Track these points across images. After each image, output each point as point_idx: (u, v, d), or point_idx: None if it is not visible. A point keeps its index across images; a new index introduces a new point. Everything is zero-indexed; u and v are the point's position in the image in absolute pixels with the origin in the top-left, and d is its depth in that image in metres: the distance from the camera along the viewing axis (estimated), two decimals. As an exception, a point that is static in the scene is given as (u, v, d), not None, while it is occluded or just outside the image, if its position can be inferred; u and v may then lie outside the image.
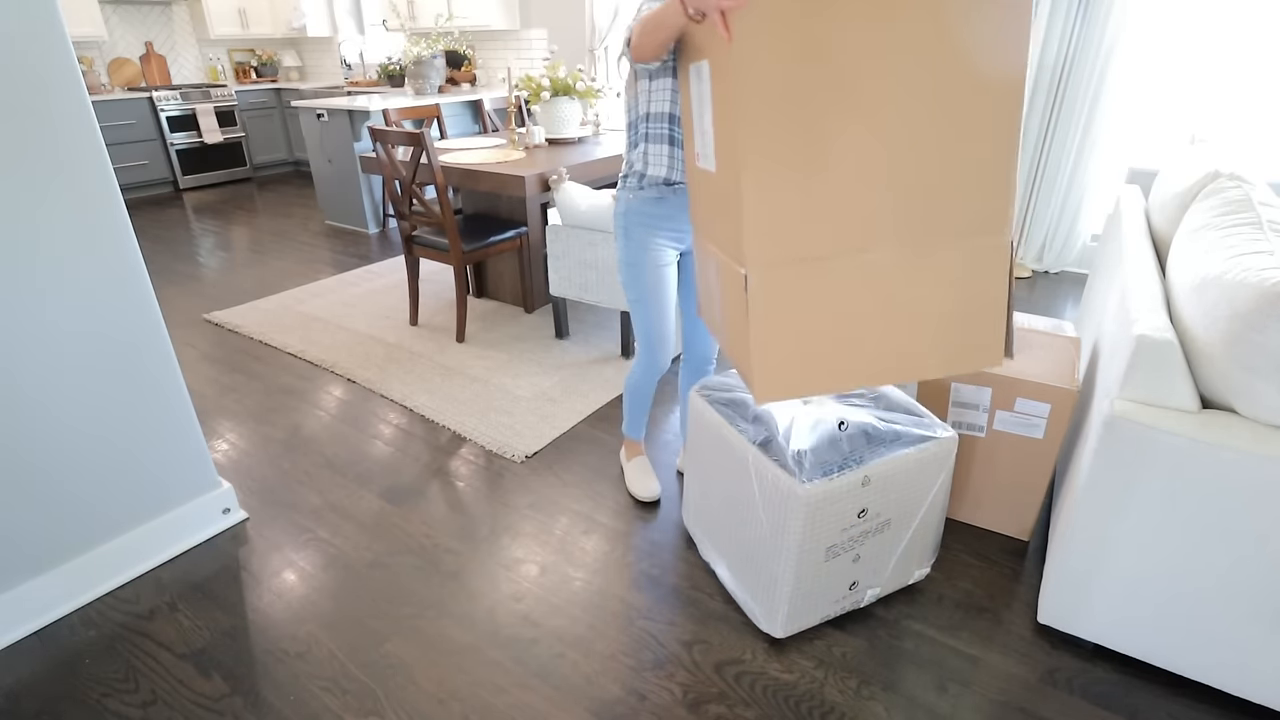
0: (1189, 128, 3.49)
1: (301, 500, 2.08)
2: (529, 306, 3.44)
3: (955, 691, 1.46)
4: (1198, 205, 1.66)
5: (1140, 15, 3.32)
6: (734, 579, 1.66)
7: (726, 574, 1.69)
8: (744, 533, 1.56)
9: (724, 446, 1.57)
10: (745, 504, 1.53)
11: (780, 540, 1.44)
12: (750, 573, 1.57)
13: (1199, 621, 1.35)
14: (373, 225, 4.95)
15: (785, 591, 1.48)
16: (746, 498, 1.52)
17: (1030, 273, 3.94)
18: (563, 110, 3.52)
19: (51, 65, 1.48)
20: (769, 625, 1.56)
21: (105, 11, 5.98)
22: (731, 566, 1.66)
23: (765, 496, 1.45)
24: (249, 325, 3.35)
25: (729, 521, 1.62)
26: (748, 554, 1.56)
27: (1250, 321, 1.17)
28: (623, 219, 1.75)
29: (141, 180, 6.03)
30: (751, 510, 1.51)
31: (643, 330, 1.86)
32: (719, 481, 1.63)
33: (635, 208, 1.71)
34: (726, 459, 1.57)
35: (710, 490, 1.69)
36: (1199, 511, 1.26)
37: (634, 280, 1.79)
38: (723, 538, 1.67)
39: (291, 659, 1.55)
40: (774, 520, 1.44)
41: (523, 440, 2.36)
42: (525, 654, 1.56)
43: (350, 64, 6.76)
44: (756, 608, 1.58)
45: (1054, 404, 1.71)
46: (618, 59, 1.63)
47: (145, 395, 1.75)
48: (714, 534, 1.71)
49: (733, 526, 1.60)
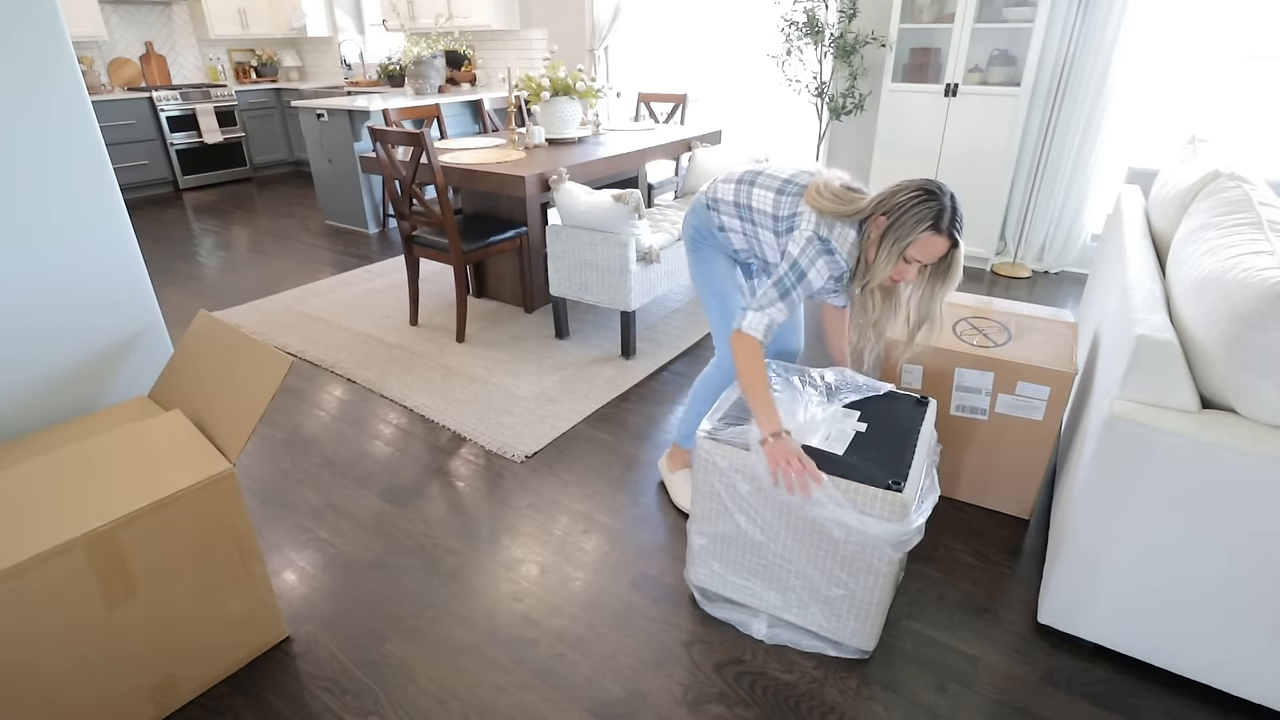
0: (1189, 128, 3.49)
1: (301, 500, 2.08)
2: (529, 306, 3.44)
3: (955, 691, 1.46)
4: (1198, 205, 1.66)
5: (1140, 15, 3.32)
6: (798, 616, 1.57)
7: (783, 614, 1.59)
8: (817, 566, 1.49)
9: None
10: (821, 538, 1.46)
11: (875, 558, 1.41)
12: (824, 603, 1.52)
13: (1199, 621, 1.35)
14: (373, 225, 4.95)
15: (879, 605, 1.47)
16: (823, 531, 1.45)
17: (1030, 273, 3.94)
18: (563, 110, 3.52)
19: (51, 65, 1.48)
20: (863, 642, 1.51)
21: (105, 11, 5.98)
22: (792, 605, 1.56)
23: (855, 527, 1.39)
24: (249, 325, 3.35)
25: (794, 559, 1.52)
26: (818, 585, 1.51)
27: (1250, 321, 1.16)
28: (693, 231, 1.84)
29: (141, 180, 6.02)
30: (830, 541, 1.45)
31: (719, 320, 1.85)
32: (774, 522, 1.51)
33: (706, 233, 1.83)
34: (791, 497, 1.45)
35: (753, 535, 1.55)
36: (1199, 512, 1.26)
37: (709, 278, 1.85)
38: (776, 579, 1.56)
39: (291, 659, 1.55)
40: (866, 543, 1.41)
41: (523, 440, 2.36)
42: (525, 654, 1.56)
43: (350, 64, 6.76)
44: (843, 630, 1.53)
45: (1053, 387, 1.76)
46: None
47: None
48: (759, 578, 1.59)
49: (801, 563, 1.51)
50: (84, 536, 1.18)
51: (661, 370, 2.87)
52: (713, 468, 1.52)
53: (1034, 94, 3.71)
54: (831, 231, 1.53)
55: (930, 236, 1.41)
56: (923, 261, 1.47)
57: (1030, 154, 3.87)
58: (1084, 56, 3.54)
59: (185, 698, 1.44)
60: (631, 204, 2.68)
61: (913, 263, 1.47)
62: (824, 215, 1.54)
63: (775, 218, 1.64)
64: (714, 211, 1.78)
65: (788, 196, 1.62)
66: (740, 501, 1.52)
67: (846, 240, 1.54)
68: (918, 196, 1.42)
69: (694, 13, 4.85)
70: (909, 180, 1.46)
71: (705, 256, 1.84)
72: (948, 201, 1.42)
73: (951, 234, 1.42)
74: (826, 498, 1.39)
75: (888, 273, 1.47)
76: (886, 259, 1.45)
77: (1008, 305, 2.10)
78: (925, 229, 1.41)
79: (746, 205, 1.70)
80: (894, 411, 1.62)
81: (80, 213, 1.59)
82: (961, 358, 1.85)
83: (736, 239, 1.78)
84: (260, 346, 1.47)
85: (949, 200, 1.42)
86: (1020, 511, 1.95)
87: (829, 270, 1.54)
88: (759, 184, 1.68)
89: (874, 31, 4.07)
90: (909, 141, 3.94)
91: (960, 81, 3.67)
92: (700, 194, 1.84)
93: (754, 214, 1.69)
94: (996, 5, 3.58)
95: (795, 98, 4.37)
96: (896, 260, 1.45)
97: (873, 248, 1.49)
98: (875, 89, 4.20)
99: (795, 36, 4.07)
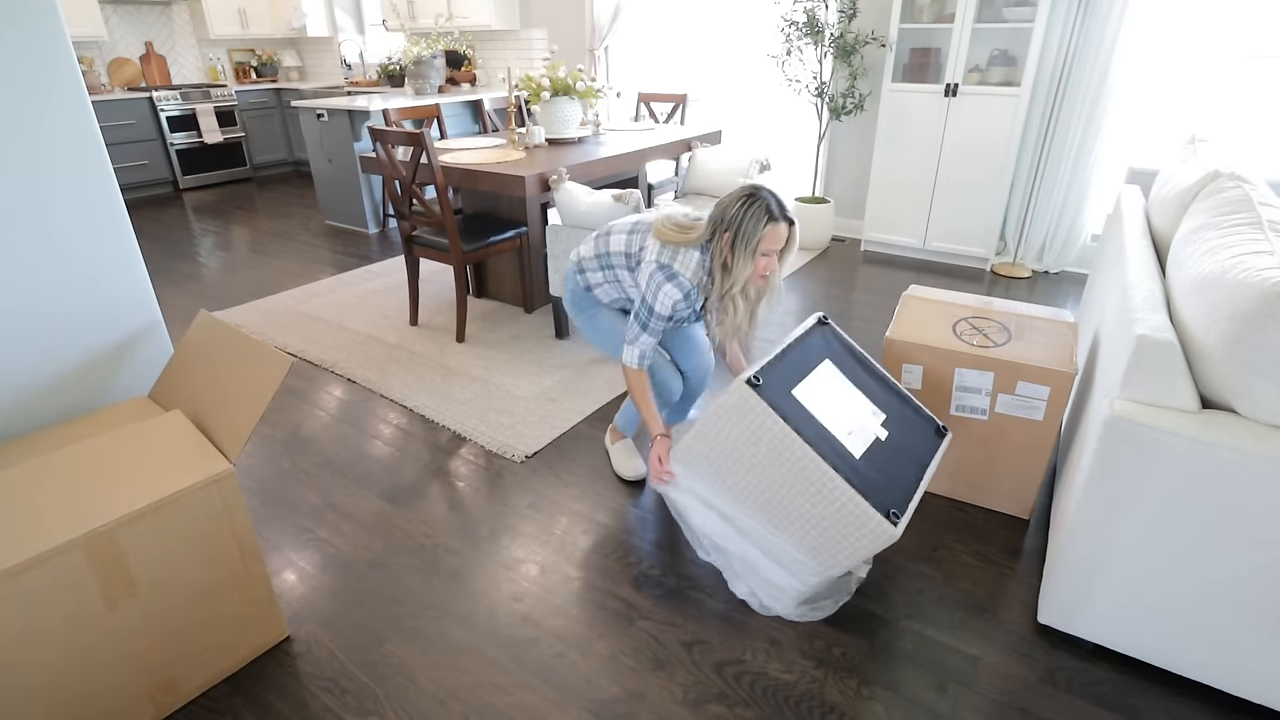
0: (1189, 128, 3.49)
1: (301, 500, 2.08)
2: (529, 306, 3.44)
3: (955, 691, 1.46)
4: (1198, 205, 1.66)
5: (1140, 15, 3.32)
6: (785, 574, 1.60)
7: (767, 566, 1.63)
8: (810, 529, 1.52)
9: (789, 459, 1.49)
10: (812, 515, 1.50)
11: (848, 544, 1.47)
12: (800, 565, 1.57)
13: (1199, 621, 1.35)
14: (373, 225, 4.95)
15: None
16: (815, 509, 1.49)
17: (1030, 273, 3.94)
18: (563, 110, 3.52)
19: (51, 65, 1.48)
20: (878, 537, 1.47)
21: (105, 11, 5.98)
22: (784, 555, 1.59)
23: (839, 517, 1.46)
24: (249, 325, 3.35)
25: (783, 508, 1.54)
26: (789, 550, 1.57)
27: (1250, 321, 1.16)
28: (571, 296, 2.02)
29: (141, 180, 6.02)
30: (817, 517, 1.50)
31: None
32: (770, 479, 1.53)
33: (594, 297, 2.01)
34: (791, 468, 1.49)
35: (749, 483, 1.57)
36: (1199, 512, 1.26)
37: (601, 333, 2.03)
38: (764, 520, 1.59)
39: (291, 659, 1.55)
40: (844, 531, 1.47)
41: (523, 440, 2.36)
42: (525, 654, 1.56)
43: (350, 64, 6.76)
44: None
45: (1053, 387, 1.76)
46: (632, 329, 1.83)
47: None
48: (742, 508, 1.61)
49: (793, 518, 1.54)
50: (84, 536, 1.18)
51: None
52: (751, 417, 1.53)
53: (1034, 94, 3.71)
54: (675, 258, 1.73)
55: (772, 228, 1.62)
56: (775, 249, 1.67)
57: (1030, 154, 3.87)
58: (1084, 56, 3.54)
59: (185, 697, 1.44)
60: (631, 204, 2.68)
61: (770, 254, 1.67)
62: (667, 244, 1.74)
63: (628, 255, 1.85)
64: (580, 274, 1.96)
65: (637, 235, 1.84)
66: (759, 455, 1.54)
67: (690, 262, 1.72)
68: (745, 202, 1.63)
69: (694, 13, 4.85)
70: (726, 196, 1.68)
71: (588, 315, 2.02)
72: (767, 194, 1.64)
73: (786, 217, 1.65)
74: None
75: (749, 271, 1.66)
76: (744, 261, 1.65)
77: (1008, 305, 2.10)
78: (765, 223, 1.61)
79: (605, 253, 1.89)
80: (914, 430, 1.64)
81: (80, 213, 1.59)
82: (961, 358, 1.85)
83: (603, 293, 1.96)
84: (260, 346, 1.47)
85: (768, 193, 1.64)
86: (1020, 511, 1.95)
87: (676, 292, 1.71)
88: (614, 231, 1.90)
89: (874, 31, 4.07)
90: (909, 141, 3.94)
91: (960, 81, 3.67)
92: (570, 262, 2.03)
93: (611, 258, 1.88)
94: (996, 5, 3.58)
95: (795, 98, 4.37)
96: (753, 258, 1.65)
97: (728, 258, 1.68)
98: (875, 89, 4.20)
99: (795, 36, 4.07)
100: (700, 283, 1.75)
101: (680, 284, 1.71)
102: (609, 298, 1.97)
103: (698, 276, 1.73)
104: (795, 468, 1.46)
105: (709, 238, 1.71)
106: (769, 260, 1.68)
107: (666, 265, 1.72)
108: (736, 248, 1.64)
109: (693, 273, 1.72)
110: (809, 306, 3.56)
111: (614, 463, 2.22)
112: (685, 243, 1.73)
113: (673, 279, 1.71)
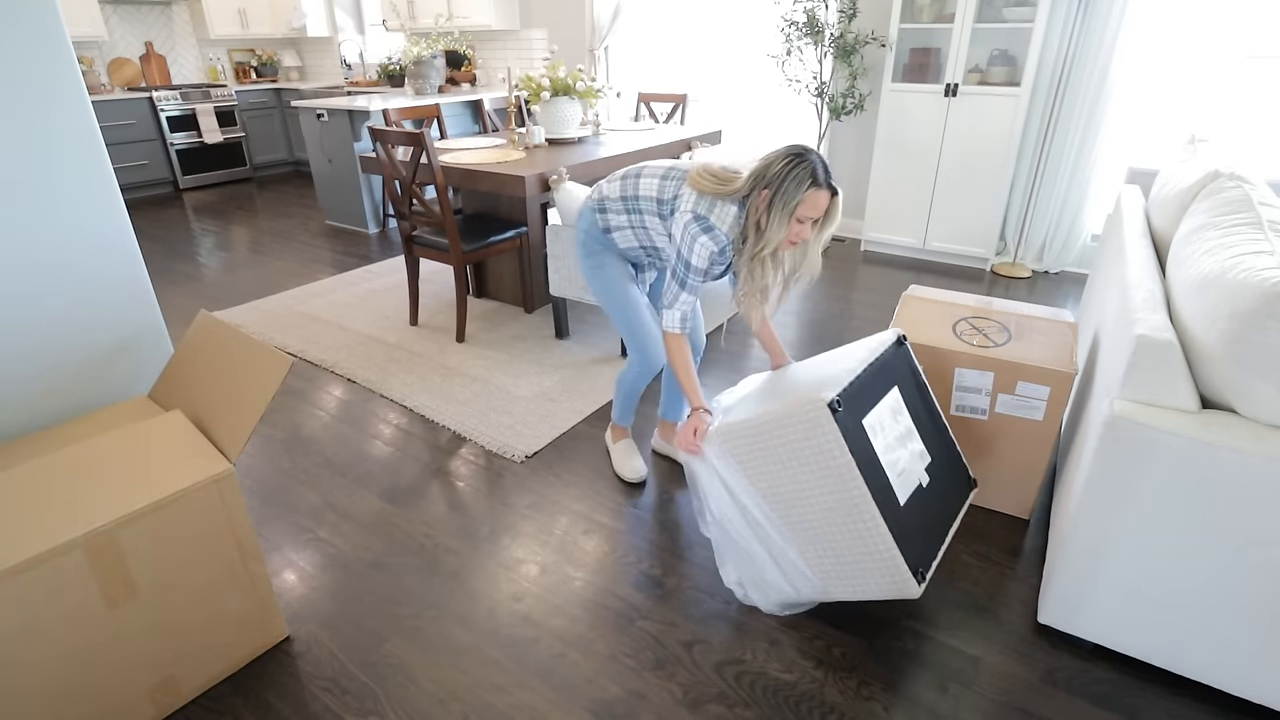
0: (1189, 128, 3.49)
1: (301, 500, 2.08)
2: (529, 306, 3.44)
3: (955, 691, 1.46)
4: (1198, 205, 1.66)
5: (1140, 15, 3.32)
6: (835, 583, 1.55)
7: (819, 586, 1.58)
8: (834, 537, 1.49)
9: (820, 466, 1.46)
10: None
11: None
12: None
13: (1199, 621, 1.35)
14: (373, 225, 4.95)
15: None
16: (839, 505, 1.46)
17: (1030, 273, 3.94)
18: (563, 110, 3.52)
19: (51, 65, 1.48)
20: (897, 585, 1.46)
21: (105, 11, 5.98)
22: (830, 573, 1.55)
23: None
24: (249, 325, 3.35)
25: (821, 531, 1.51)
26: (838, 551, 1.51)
27: (1250, 321, 1.16)
28: (584, 236, 1.92)
29: (141, 180, 6.02)
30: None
31: (625, 327, 1.96)
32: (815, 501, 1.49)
33: (595, 234, 1.91)
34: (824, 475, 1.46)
35: (801, 515, 1.53)
36: (1199, 511, 1.26)
37: (606, 288, 1.94)
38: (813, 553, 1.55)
39: (291, 659, 1.55)
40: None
41: (523, 440, 2.36)
42: (525, 654, 1.56)
43: (350, 64, 6.76)
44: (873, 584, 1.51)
45: (1053, 387, 1.76)
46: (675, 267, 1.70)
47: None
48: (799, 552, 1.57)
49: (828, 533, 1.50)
50: (84, 536, 1.18)
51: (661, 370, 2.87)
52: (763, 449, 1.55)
53: (1034, 94, 3.71)
54: (711, 210, 1.63)
55: (814, 193, 1.54)
56: (813, 217, 1.58)
57: (1030, 154, 3.87)
58: (1084, 56, 3.54)
59: (185, 698, 1.44)
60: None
61: (805, 221, 1.58)
62: (704, 195, 1.64)
63: (659, 201, 1.75)
64: (601, 214, 1.85)
65: (671, 181, 1.74)
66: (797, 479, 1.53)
67: (728, 216, 1.63)
68: (791, 161, 1.54)
69: (694, 13, 4.85)
70: (774, 150, 1.58)
71: (598, 262, 1.91)
72: (815, 157, 1.55)
73: (830, 185, 1.56)
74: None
75: (782, 236, 1.57)
76: (779, 223, 1.56)
77: (1008, 305, 2.11)
78: (808, 187, 1.53)
79: (633, 195, 1.79)
80: (951, 478, 1.66)
81: (80, 213, 1.59)
82: (961, 358, 1.85)
83: (622, 237, 1.86)
84: (260, 346, 1.47)
85: (816, 157, 1.55)
86: (1020, 511, 1.95)
87: (712, 245, 1.62)
88: (644, 174, 1.79)
89: (874, 31, 4.07)
90: (909, 141, 3.94)
91: (960, 81, 3.67)
92: (587, 199, 1.92)
93: (640, 201, 1.78)
94: (996, 5, 3.58)
95: (795, 98, 4.37)
96: (789, 222, 1.56)
97: (762, 218, 1.59)
98: (875, 89, 4.20)
99: (795, 36, 4.07)
100: (735, 239, 1.66)
101: (716, 237, 1.62)
102: (625, 243, 1.87)
103: (733, 232, 1.64)
104: (843, 499, 1.43)
105: (747, 192, 1.60)
106: (803, 228, 1.58)
107: (703, 217, 1.62)
108: (774, 207, 1.55)
109: (729, 227, 1.63)
110: (809, 307, 3.56)
111: (615, 463, 2.19)
112: (723, 194, 1.62)
113: (708, 231, 1.62)
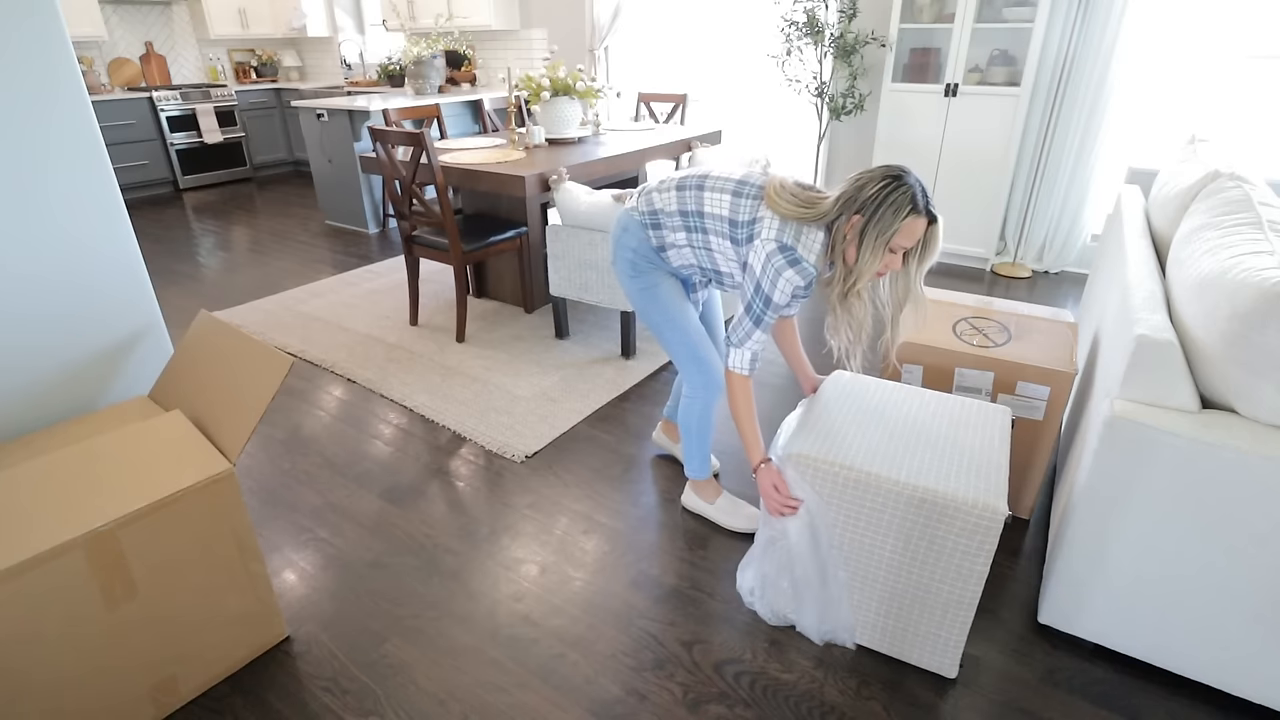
0: (1189, 128, 3.49)
1: (301, 500, 2.08)
2: (529, 306, 3.44)
3: (955, 691, 1.46)
4: (1198, 205, 1.66)
5: (1140, 15, 3.32)
6: (892, 628, 1.50)
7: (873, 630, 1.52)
8: (910, 576, 1.42)
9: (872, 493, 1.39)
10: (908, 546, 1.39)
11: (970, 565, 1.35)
12: (916, 614, 1.45)
13: (1199, 621, 1.35)
14: (373, 225, 4.95)
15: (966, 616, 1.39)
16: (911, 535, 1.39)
17: (1030, 273, 3.94)
18: (563, 110, 3.52)
19: (51, 65, 1.48)
20: (945, 664, 1.45)
21: (105, 11, 5.98)
22: (888, 615, 1.49)
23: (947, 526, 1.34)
24: (249, 325, 3.35)
25: (887, 570, 1.44)
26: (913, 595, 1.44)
27: (1250, 321, 1.16)
28: (631, 255, 1.71)
29: (141, 180, 6.02)
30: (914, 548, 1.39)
31: (685, 350, 1.77)
32: (865, 533, 1.43)
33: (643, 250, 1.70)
34: (879, 505, 1.39)
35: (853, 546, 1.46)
36: (1199, 512, 1.26)
37: (662, 312, 1.75)
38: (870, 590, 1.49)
39: (291, 659, 1.55)
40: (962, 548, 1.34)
41: (523, 440, 2.36)
42: (525, 654, 1.56)
43: (350, 64, 6.76)
44: (924, 651, 1.48)
45: (1053, 387, 1.76)
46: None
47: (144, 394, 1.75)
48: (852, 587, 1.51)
49: (894, 572, 1.43)
50: (84, 536, 1.18)
51: (662, 370, 2.87)
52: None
53: (1034, 94, 3.71)
54: (798, 239, 1.45)
55: (912, 220, 1.37)
56: (907, 247, 1.41)
57: (1030, 154, 3.87)
58: (1084, 56, 3.54)
59: (185, 698, 1.44)
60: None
61: (898, 251, 1.42)
62: (787, 220, 1.46)
63: (733, 223, 1.54)
64: (655, 230, 1.66)
65: (746, 200, 1.52)
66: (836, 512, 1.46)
67: (815, 244, 1.46)
68: (888, 185, 1.36)
69: (694, 13, 4.85)
70: (867, 171, 1.41)
71: (649, 282, 1.71)
72: (914, 181, 1.38)
73: (930, 212, 1.38)
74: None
75: (875, 268, 1.41)
76: (872, 255, 1.39)
77: (1008, 305, 2.10)
78: (906, 215, 1.36)
79: (697, 212, 1.58)
80: None
81: (80, 213, 1.59)
82: (961, 358, 1.85)
83: (678, 255, 1.67)
84: (260, 346, 1.47)
85: (915, 180, 1.38)
86: (1020, 511, 1.95)
87: (799, 279, 1.44)
88: (709, 187, 1.57)
89: (874, 31, 4.07)
90: (909, 141, 3.94)
91: (960, 81, 3.67)
92: (630, 210, 1.70)
93: (706, 220, 1.57)
94: (996, 5, 3.57)
95: (795, 98, 4.37)
96: (883, 253, 1.39)
97: (852, 247, 1.41)
98: (875, 89, 4.20)
99: (795, 36, 4.07)
100: (821, 271, 1.49)
101: (804, 270, 1.44)
102: (680, 261, 1.67)
103: (820, 263, 1.47)
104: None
105: (835, 217, 1.42)
106: (895, 258, 1.42)
107: (789, 248, 1.43)
108: (866, 236, 1.38)
109: (816, 257, 1.45)
110: (809, 307, 3.56)
111: (722, 521, 1.94)
112: (807, 219, 1.44)
113: (795, 265, 1.43)
